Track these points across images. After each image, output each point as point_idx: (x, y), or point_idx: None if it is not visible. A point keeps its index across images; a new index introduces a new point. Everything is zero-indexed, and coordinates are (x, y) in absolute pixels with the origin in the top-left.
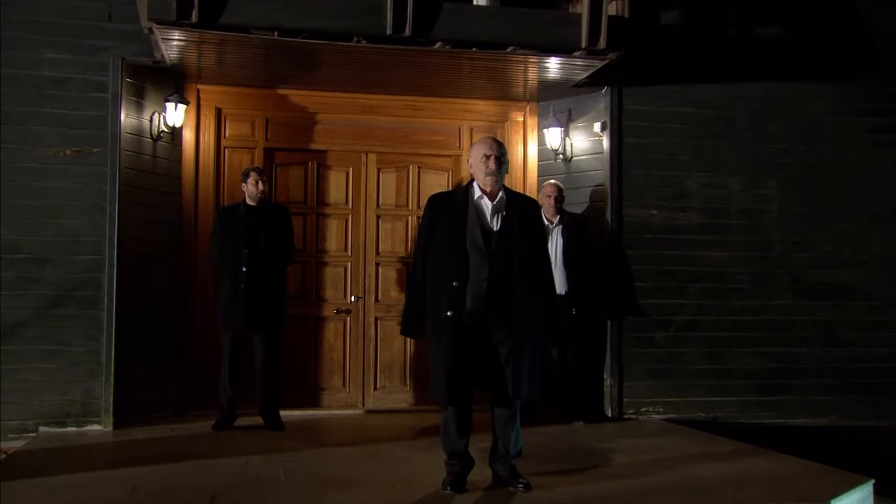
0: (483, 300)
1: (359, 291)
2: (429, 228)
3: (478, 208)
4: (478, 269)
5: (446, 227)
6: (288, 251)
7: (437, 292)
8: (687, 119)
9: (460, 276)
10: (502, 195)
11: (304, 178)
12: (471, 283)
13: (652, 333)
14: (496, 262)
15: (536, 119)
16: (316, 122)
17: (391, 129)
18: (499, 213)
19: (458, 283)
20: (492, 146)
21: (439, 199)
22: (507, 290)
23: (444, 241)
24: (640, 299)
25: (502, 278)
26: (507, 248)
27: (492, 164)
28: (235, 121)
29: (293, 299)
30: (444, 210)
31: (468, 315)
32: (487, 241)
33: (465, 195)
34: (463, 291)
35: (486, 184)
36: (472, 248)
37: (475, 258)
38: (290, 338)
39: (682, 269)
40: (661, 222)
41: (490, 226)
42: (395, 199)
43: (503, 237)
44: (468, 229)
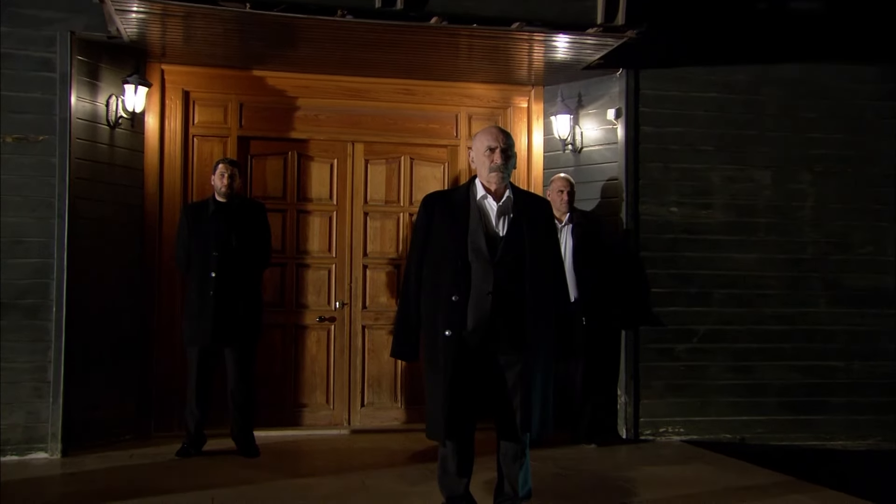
0: (487, 317)
1: (344, 297)
2: (424, 234)
3: (481, 210)
4: (481, 282)
5: (444, 233)
6: (263, 253)
7: (434, 308)
8: (711, 105)
9: (461, 289)
10: (509, 195)
11: (284, 170)
12: (473, 298)
13: (671, 345)
14: (503, 272)
15: (542, 105)
16: (296, 108)
17: (380, 115)
18: (505, 216)
19: (458, 297)
20: (497, 137)
21: (436, 200)
22: (515, 305)
23: (441, 249)
24: (657, 307)
25: (510, 292)
26: (516, 257)
27: (497, 159)
28: (205, 106)
29: (270, 306)
30: (441, 212)
31: (470, 335)
32: (492, 248)
33: (466, 195)
34: (464, 307)
35: (491, 181)
36: (474, 257)
37: (478, 268)
38: (267, 350)
39: (705, 273)
40: (682, 221)
41: (495, 230)
42: (384, 194)
43: (511, 244)
44: (470, 235)
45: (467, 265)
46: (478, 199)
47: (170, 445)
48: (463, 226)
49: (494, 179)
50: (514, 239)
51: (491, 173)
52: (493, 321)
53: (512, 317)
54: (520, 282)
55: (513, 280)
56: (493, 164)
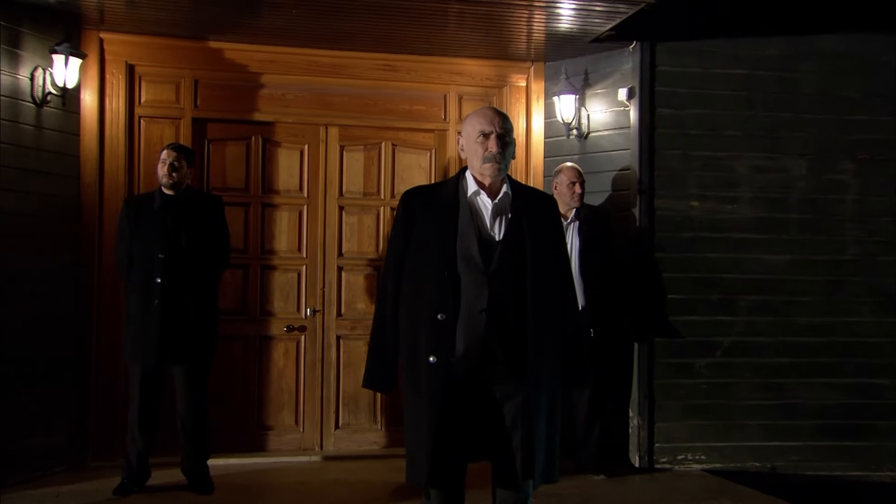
0: (480, 340)
1: (316, 303)
2: (403, 238)
3: (472, 209)
4: (473, 297)
5: (428, 237)
6: (220, 254)
7: (415, 329)
8: (739, 83)
9: (448, 306)
10: (507, 190)
11: (246, 157)
12: (463, 317)
13: (691, 359)
14: (499, 285)
15: (543, 84)
16: (261, 86)
17: (358, 95)
18: (502, 216)
19: (446, 315)
20: (492, 119)
21: (417, 196)
22: (515, 325)
23: (424, 257)
24: (675, 315)
25: (508, 309)
26: (516, 266)
27: (493, 146)
28: (154, 82)
29: (231, 314)
30: (424, 211)
31: (459, 361)
32: (487, 255)
33: (455, 190)
34: (452, 328)
35: (485, 174)
36: (464, 267)
37: (469, 281)
38: (226, 365)
39: (730, 277)
40: (704, 217)
41: (490, 234)
42: (362, 186)
43: (509, 250)
44: (459, 239)
45: (456, 277)
46: (469, 195)
47: (108, 479)
48: (450, 228)
49: (489, 171)
50: (514, 244)
51: (485, 164)
52: (488, 345)
53: (511, 339)
54: (520, 297)
55: (512, 295)
56: (488, 153)
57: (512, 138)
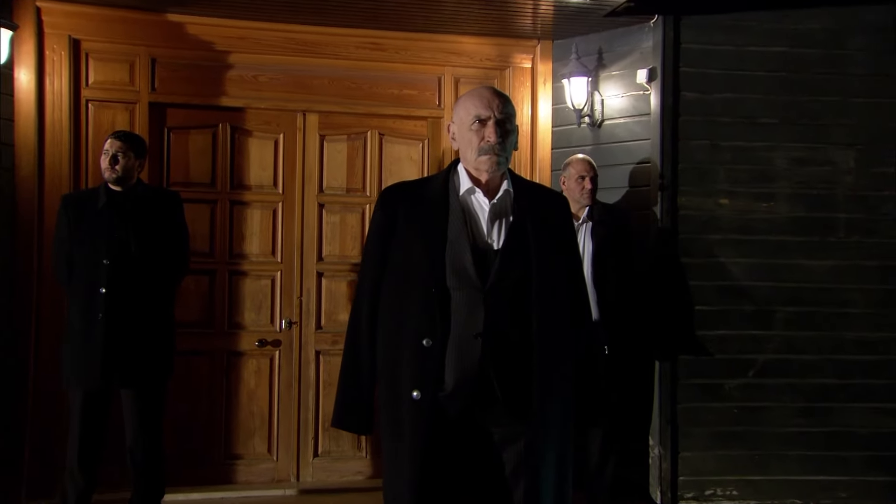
0: (475, 371)
1: (293, 314)
2: (381, 246)
3: (466, 210)
4: (466, 318)
5: (412, 245)
6: (178, 260)
7: (396, 357)
8: (777, 62)
9: (435, 329)
10: (508, 188)
11: (212, 148)
12: (454, 343)
13: (720, 380)
14: (498, 304)
15: (551, 65)
16: (228, 66)
17: (340, 77)
18: (502, 219)
19: (432, 341)
20: (490, 102)
21: (399, 195)
22: (516, 353)
23: (406, 270)
24: (702, 329)
25: (509, 333)
26: (518, 281)
27: (490, 134)
28: (104, 60)
29: (193, 327)
30: (407, 213)
31: (449, 397)
32: (483, 267)
33: (444, 188)
34: (439, 356)
35: (482, 168)
36: (456, 281)
37: (461, 298)
38: (187, 385)
39: (765, 286)
40: (735, 216)
41: (487, 241)
42: (345, 180)
43: (510, 261)
44: (449, 247)
45: (445, 293)
46: (461, 193)
47: None
48: (439, 234)
49: (486, 165)
50: (516, 253)
51: (481, 156)
52: (484, 377)
53: (512, 370)
54: (523, 318)
55: (513, 316)
56: (485, 143)
57: (514, 125)
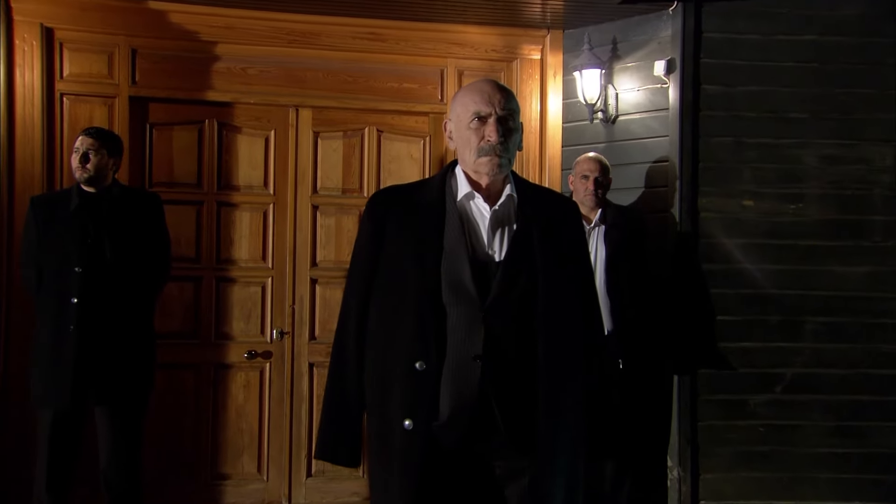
0: (474, 398)
1: (284, 324)
2: (370, 257)
3: (465, 218)
4: (464, 338)
5: (404, 256)
6: (157, 267)
7: (386, 382)
8: (807, 52)
9: (429, 350)
10: (511, 192)
11: (198, 145)
12: (450, 367)
13: (745, 395)
14: (500, 323)
15: (562, 56)
16: (215, 58)
17: (335, 70)
18: (505, 228)
19: (426, 364)
20: (491, 96)
21: (390, 201)
22: (520, 377)
23: (398, 284)
24: (724, 341)
25: (512, 355)
26: (523, 297)
27: (491, 133)
28: (80, 51)
29: (178, 338)
30: (399, 221)
31: (445, 428)
32: (483, 282)
33: (441, 193)
34: (434, 382)
35: (482, 170)
36: (452, 297)
37: (459, 316)
38: (171, 400)
39: (793, 294)
40: (760, 219)
41: (488, 252)
42: (341, 180)
43: (513, 274)
44: (446, 259)
45: (441, 311)
46: (459, 199)
47: None
48: (434, 245)
49: (486, 167)
50: (520, 266)
51: (480, 157)
52: (484, 404)
53: (515, 397)
54: (528, 339)
55: (517, 336)
56: (485, 143)
57: (518, 122)
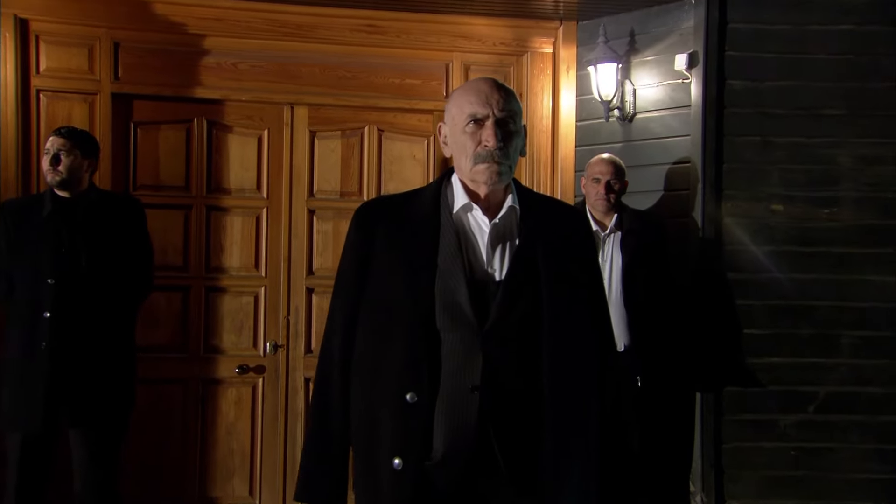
0: (471, 434)
1: (278, 336)
2: (356, 276)
3: (461, 232)
4: (460, 367)
5: (393, 275)
6: (139, 278)
7: (373, 415)
8: (842, 43)
9: (421, 381)
10: (513, 203)
11: (186, 146)
12: (445, 398)
13: (773, 416)
14: (500, 350)
15: (575, 50)
16: (204, 52)
17: (333, 65)
18: (506, 243)
19: (418, 395)
20: (488, 96)
21: (378, 213)
22: (523, 411)
23: (387, 306)
24: (752, 357)
25: (513, 386)
26: (526, 321)
27: (489, 138)
28: (58, 44)
29: (164, 351)
30: (388, 236)
31: (439, 467)
32: (481, 304)
33: (435, 204)
34: (427, 415)
35: (479, 179)
36: (447, 321)
37: (455, 342)
38: (156, 418)
39: (827, 306)
40: (791, 224)
41: (487, 271)
42: (339, 183)
43: (516, 296)
44: (440, 278)
45: (434, 336)
46: (455, 211)
47: None
48: (427, 262)
49: (484, 176)
50: (522, 286)
51: (478, 165)
52: (482, 441)
53: (517, 433)
54: (532, 368)
55: (519, 363)
56: (482, 149)
57: (519, 125)
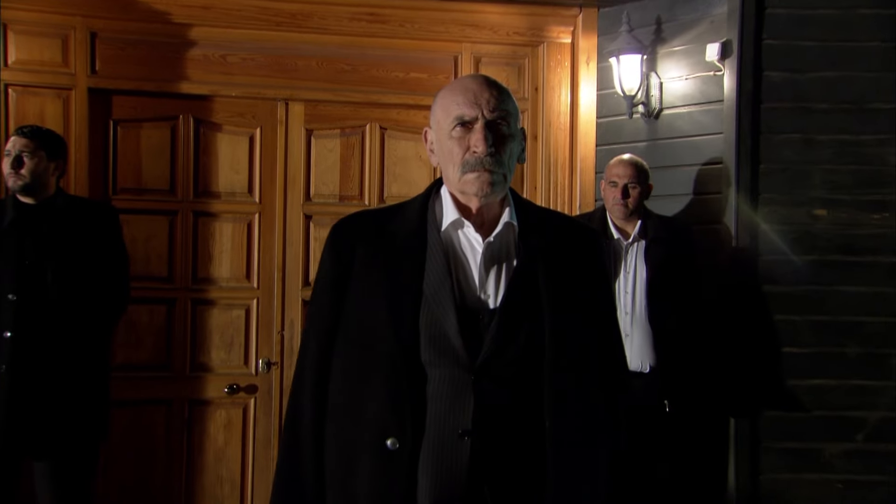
0: (461, 486)
1: (272, 353)
2: (331, 303)
3: (450, 252)
4: (448, 408)
5: (373, 302)
6: (113, 294)
7: (350, 463)
8: (894, 30)
9: (404, 424)
10: (510, 219)
11: (171, 146)
12: (430, 445)
13: (817, 444)
14: (494, 389)
15: (596, 39)
16: (190, 43)
17: (331, 57)
18: (502, 265)
19: (400, 442)
20: (477, 95)
21: (357, 232)
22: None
23: (365, 338)
24: (792, 378)
25: (509, 432)
26: (524, 356)
27: (478, 142)
28: (28, 34)
29: (146, 370)
30: (368, 258)
31: None
32: (473, 336)
33: (421, 220)
34: (410, 464)
35: (469, 190)
36: (434, 356)
37: (443, 380)
38: (137, 442)
39: (876, 322)
40: (835, 231)
41: (480, 297)
42: (338, 186)
43: (513, 325)
44: (426, 306)
45: (419, 373)
46: (444, 228)
47: None
48: (411, 288)
49: (474, 186)
50: (521, 315)
51: (467, 174)
52: (474, 494)
53: (513, 485)
54: (532, 409)
55: (516, 405)
56: (471, 155)
57: (515, 128)
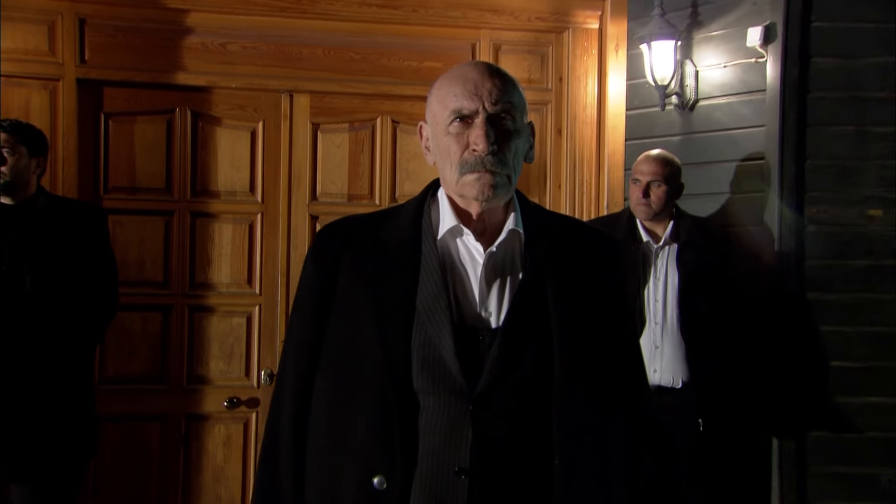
0: None
1: (274, 364)
2: (313, 321)
3: (447, 264)
4: (443, 442)
5: (360, 320)
6: (100, 302)
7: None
8: None
9: (393, 459)
10: (515, 226)
11: (167, 141)
12: (423, 482)
13: (871, 468)
14: (495, 419)
15: (626, 25)
16: (187, 31)
17: (339, 45)
18: (506, 278)
19: (388, 480)
20: (477, 85)
21: (343, 240)
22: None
23: (351, 359)
24: (842, 395)
25: (512, 469)
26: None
27: (478, 139)
28: (11, 20)
29: (139, 382)
30: (354, 270)
31: None
32: (472, 358)
33: (415, 227)
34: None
35: (469, 193)
36: (428, 382)
37: (437, 409)
38: (131, 459)
39: None
40: (892, 233)
41: (481, 314)
42: (346, 185)
43: (517, 347)
44: (419, 325)
45: (411, 401)
46: (440, 237)
47: None
48: (402, 304)
49: (474, 189)
50: (527, 335)
51: (465, 176)
52: None
53: None
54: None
55: (521, 439)
56: (469, 154)
57: (521, 123)
